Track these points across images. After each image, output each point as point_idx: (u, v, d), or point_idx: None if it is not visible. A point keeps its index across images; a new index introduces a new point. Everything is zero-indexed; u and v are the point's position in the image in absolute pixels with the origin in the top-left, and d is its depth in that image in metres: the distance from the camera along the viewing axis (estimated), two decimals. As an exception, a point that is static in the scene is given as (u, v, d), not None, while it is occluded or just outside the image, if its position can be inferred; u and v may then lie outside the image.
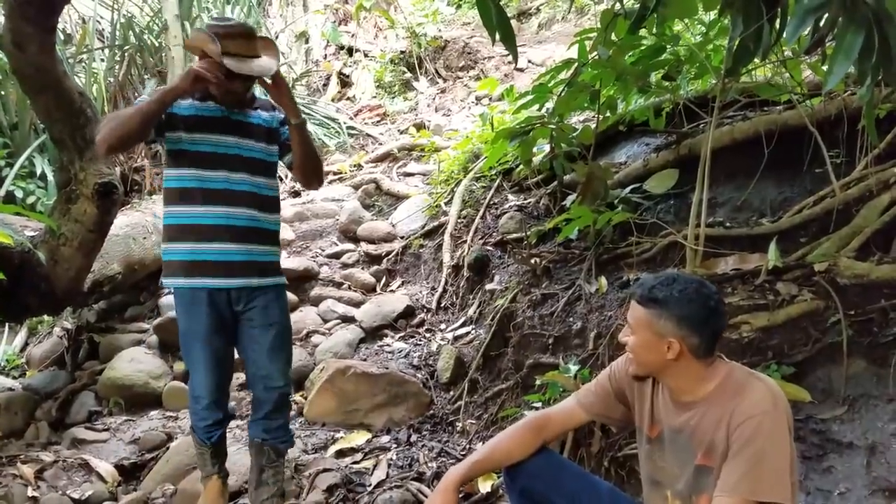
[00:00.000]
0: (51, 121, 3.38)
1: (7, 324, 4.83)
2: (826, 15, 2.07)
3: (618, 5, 3.12)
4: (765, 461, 1.62)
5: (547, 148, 4.20)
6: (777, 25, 2.42)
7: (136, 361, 4.18)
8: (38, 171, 5.81)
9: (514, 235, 4.27)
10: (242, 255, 2.59)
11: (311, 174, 2.76)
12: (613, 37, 3.23)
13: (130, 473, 3.34)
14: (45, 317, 4.70)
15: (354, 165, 7.06)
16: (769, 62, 3.23)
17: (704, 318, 1.73)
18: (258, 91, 2.88)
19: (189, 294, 2.57)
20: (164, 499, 3.05)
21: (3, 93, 6.86)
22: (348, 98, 9.01)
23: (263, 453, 2.71)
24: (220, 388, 2.69)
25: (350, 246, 5.43)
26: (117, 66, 6.71)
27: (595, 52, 3.31)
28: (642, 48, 3.44)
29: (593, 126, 3.85)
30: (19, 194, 5.60)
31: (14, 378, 4.44)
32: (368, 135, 7.86)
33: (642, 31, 3.20)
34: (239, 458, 3.12)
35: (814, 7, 2.04)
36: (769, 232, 3.02)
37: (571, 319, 3.29)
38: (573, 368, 2.97)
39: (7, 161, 5.95)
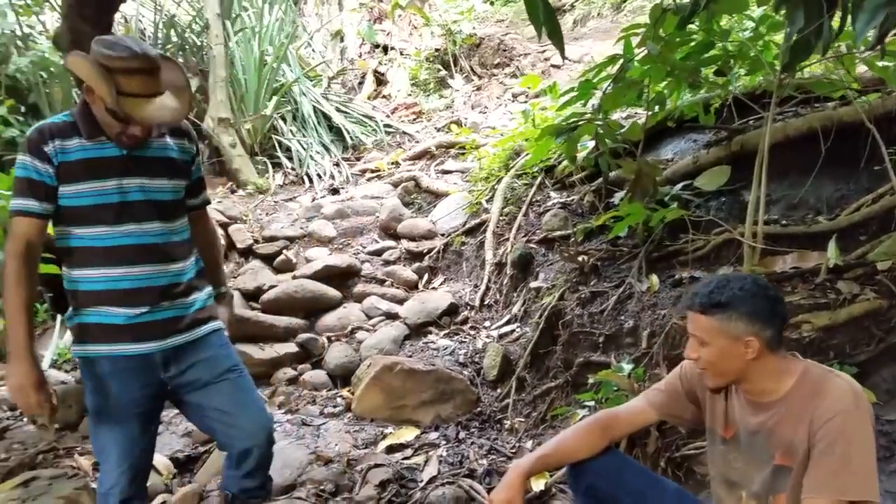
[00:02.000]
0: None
1: (59, 318, 4.92)
2: (888, 10, 2.03)
3: (667, 1, 3.10)
4: (853, 460, 1.61)
5: (590, 145, 4.19)
6: (838, 20, 2.40)
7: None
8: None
9: (559, 233, 4.26)
10: (169, 312, 2.15)
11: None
12: (660, 32, 3.21)
13: (184, 466, 3.39)
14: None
15: (392, 163, 7.09)
16: (825, 58, 3.18)
17: (771, 309, 1.74)
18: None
19: (104, 364, 2.11)
20: (220, 491, 3.09)
21: (48, 91, 7.00)
22: (384, 96, 9.05)
23: None
24: (141, 480, 2.23)
25: (391, 243, 5.46)
26: (159, 65, 6.78)
27: (643, 48, 3.29)
28: (692, 43, 3.41)
29: (640, 122, 3.83)
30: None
31: (67, 372, 4.51)
32: (405, 132, 7.89)
33: (689, 27, 3.17)
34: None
35: (884, 2, 2.01)
36: (827, 230, 2.98)
37: (623, 318, 3.27)
38: (627, 367, 2.95)
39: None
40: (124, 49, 1.94)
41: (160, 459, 3.35)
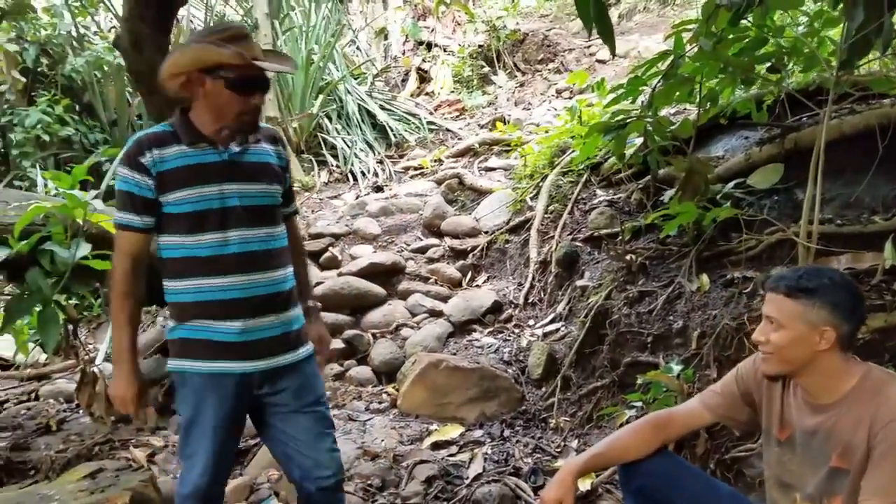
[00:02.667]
0: (162, 120, 3.51)
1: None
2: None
3: (720, -3, 3.05)
4: None
5: (638, 142, 4.14)
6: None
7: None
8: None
9: (606, 231, 4.22)
10: (267, 330, 2.10)
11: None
12: (713, 28, 3.16)
13: (236, 459, 3.46)
14: (151, 307, 4.90)
15: (435, 160, 7.11)
16: (883, 55, 3.10)
17: (854, 306, 1.73)
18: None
19: (204, 380, 2.09)
20: (270, 484, 3.14)
21: (102, 91, 7.19)
22: (427, 93, 9.09)
23: None
24: (223, 482, 2.22)
25: (434, 241, 5.48)
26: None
27: (696, 44, 3.24)
28: (745, 40, 3.35)
29: (690, 119, 3.77)
30: (119, 189, 5.85)
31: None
32: (448, 130, 7.92)
33: (742, 23, 3.12)
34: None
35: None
36: (884, 230, 2.90)
37: (671, 318, 3.24)
38: (676, 368, 2.92)
39: (107, 158, 6.23)
40: (218, 25, 2.06)
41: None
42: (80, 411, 3.99)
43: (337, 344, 4.39)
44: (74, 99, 7.26)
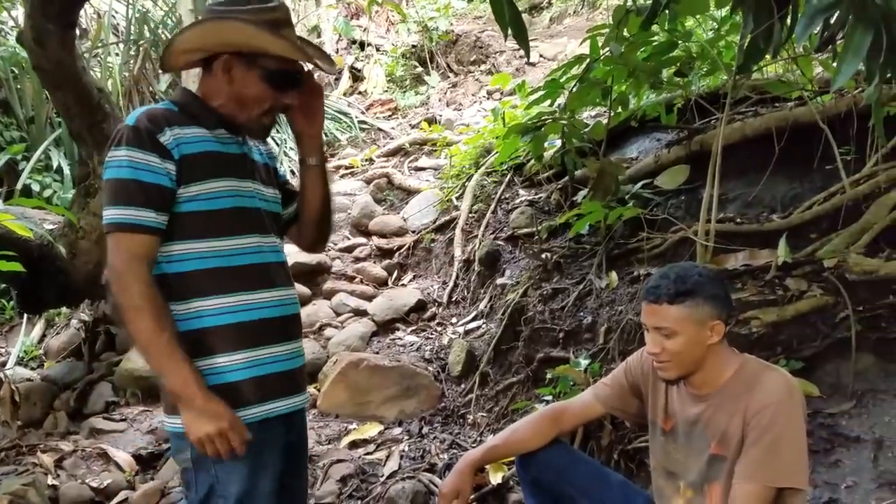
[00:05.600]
0: (69, 116, 3.44)
1: (25, 315, 4.91)
2: (836, 14, 2.09)
3: (630, 2, 3.15)
4: (783, 448, 1.67)
5: (558, 143, 4.24)
6: (788, 23, 2.45)
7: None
8: (55, 165, 5.88)
9: (525, 230, 4.30)
10: (300, 358, 1.78)
11: (326, 230, 2.01)
12: (625, 33, 3.26)
13: (147, 463, 3.41)
14: (63, 309, 4.77)
15: (366, 160, 7.10)
16: (781, 59, 3.25)
17: (727, 294, 1.83)
18: None
19: (259, 433, 1.62)
20: (181, 489, 3.11)
21: (19, 87, 6.94)
22: (360, 92, 9.05)
23: None
24: None
25: (362, 240, 5.48)
26: (132, 61, 6.76)
27: (607, 49, 3.34)
28: (654, 44, 3.47)
29: (604, 121, 3.88)
30: (36, 188, 5.69)
31: (32, 369, 4.51)
32: (380, 129, 7.90)
33: (654, 28, 3.23)
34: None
35: (824, 7, 2.06)
36: (779, 228, 3.04)
37: (582, 314, 3.32)
38: (583, 363, 3.01)
39: (24, 155, 6.03)
40: (260, 2, 1.64)
41: (122, 456, 3.37)
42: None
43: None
44: (-12, 95, 6.98)
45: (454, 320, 4.40)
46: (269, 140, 1.95)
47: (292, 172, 6.99)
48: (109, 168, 1.57)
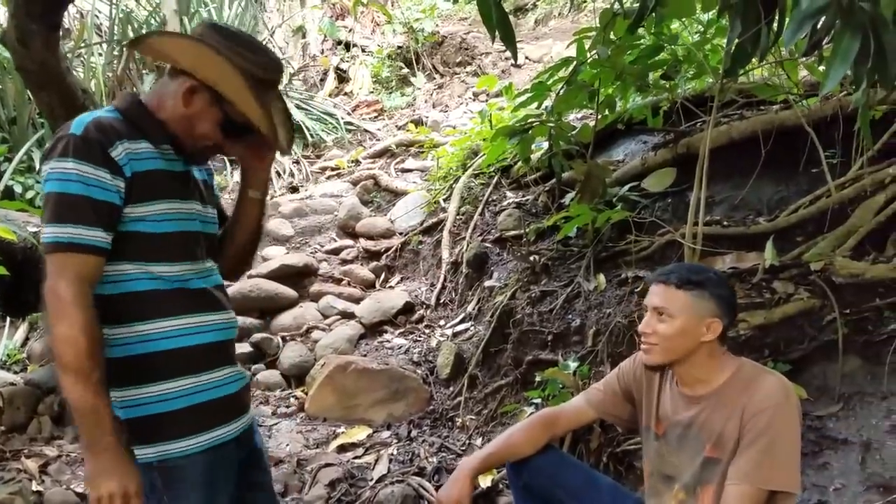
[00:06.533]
0: (53, 117, 3.39)
1: (8, 319, 4.85)
2: (823, 19, 2.11)
3: (616, 5, 3.16)
4: (777, 451, 1.68)
5: (545, 145, 4.24)
6: (775, 27, 2.47)
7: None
8: (37, 166, 5.81)
9: (513, 232, 4.31)
10: (243, 379, 1.73)
11: (249, 262, 1.90)
12: (612, 36, 3.27)
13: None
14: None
15: (352, 161, 7.08)
16: (767, 62, 3.27)
17: (733, 301, 1.85)
18: None
19: (209, 459, 1.57)
20: None
21: (1, 88, 6.86)
22: (346, 93, 9.02)
23: None
24: None
25: (349, 242, 5.47)
26: (115, 62, 6.70)
27: (594, 51, 3.34)
28: (641, 47, 3.48)
29: (592, 124, 3.89)
30: (18, 189, 5.62)
31: (15, 373, 4.46)
32: (366, 130, 7.89)
33: (640, 31, 3.24)
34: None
35: (811, 12, 2.07)
36: (766, 231, 3.06)
37: (570, 316, 3.33)
38: (572, 365, 3.01)
39: (6, 156, 5.96)
40: (264, 53, 1.59)
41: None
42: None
43: (245, 348, 4.32)
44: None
45: (442, 323, 4.39)
46: None
47: (277, 174, 6.97)
48: (54, 181, 1.43)
